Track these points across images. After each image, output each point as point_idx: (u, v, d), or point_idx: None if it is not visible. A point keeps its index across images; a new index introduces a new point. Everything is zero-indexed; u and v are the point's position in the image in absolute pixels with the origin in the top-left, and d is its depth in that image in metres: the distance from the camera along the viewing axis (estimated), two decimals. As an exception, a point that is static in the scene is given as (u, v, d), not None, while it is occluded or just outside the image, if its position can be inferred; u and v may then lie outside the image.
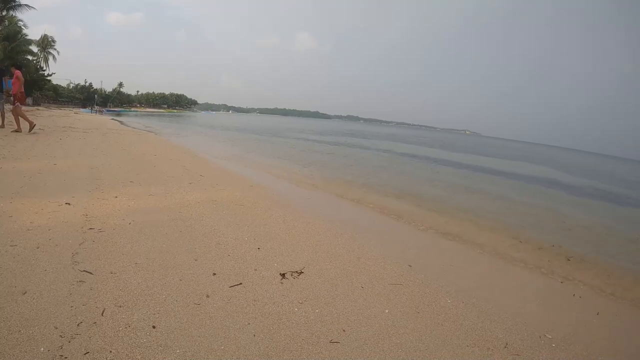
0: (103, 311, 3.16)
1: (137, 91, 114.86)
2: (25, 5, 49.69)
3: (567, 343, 3.55)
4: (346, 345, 3.15)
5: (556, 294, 5.18)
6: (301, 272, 4.05)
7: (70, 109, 59.13)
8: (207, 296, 3.45)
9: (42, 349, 2.66)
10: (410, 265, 4.85)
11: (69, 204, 5.75)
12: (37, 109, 43.64)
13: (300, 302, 3.51)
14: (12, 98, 14.49)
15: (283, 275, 3.92)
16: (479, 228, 8.74)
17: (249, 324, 3.21)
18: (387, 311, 3.56)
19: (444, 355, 3.24)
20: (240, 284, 3.70)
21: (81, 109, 60.60)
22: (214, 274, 3.85)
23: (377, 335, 3.27)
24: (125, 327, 3.02)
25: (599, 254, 8.08)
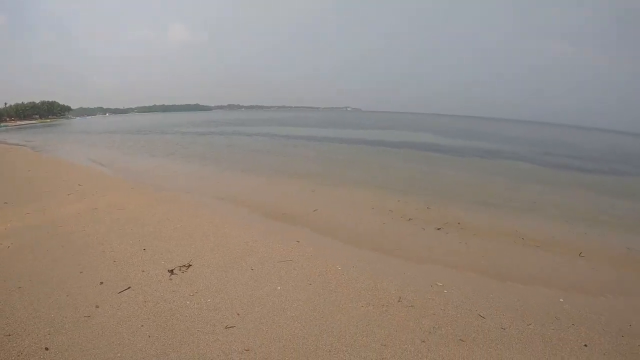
0: (-8, 343, 3.13)
1: (5, 103, 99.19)
2: None
3: (457, 287, 3.64)
4: (242, 327, 3.22)
5: (440, 243, 5.52)
6: (189, 265, 3.96)
7: None
8: (97, 307, 3.40)
9: None
10: (298, 241, 4.82)
11: None
12: None
13: (192, 294, 3.48)
14: None
15: (171, 271, 3.83)
16: (363, 193, 9.25)
17: (143, 326, 3.22)
18: (279, 288, 3.57)
19: (340, 319, 3.34)
20: (129, 287, 3.62)
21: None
22: (101, 282, 3.75)
23: (271, 313, 3.32)
24: (18, 355, 3.01)
25: (463, 202, 8.96)
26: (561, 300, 3.98)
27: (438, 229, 6.48)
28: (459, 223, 6.96)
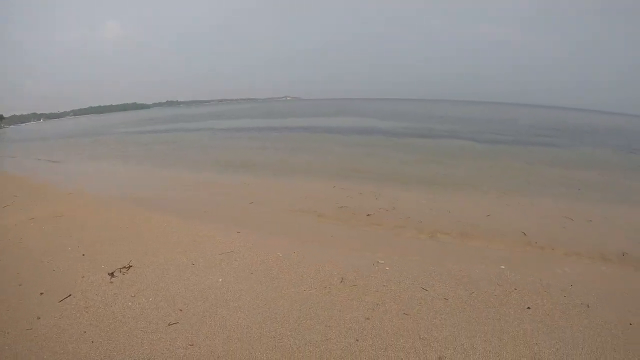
0: None
1: None
2: None
3: (398, 264, 3.69)
4: (185, 322, 3.22)
5: (375, 230, 5.70)
6: (130, 267, 3.94)
7: None
8: (38, 318, 3.36)
9: None
10: (238, 232, 4.82)
11: None
12: None
13: (133, 295, 3.47)
14: None
15: (112, 274, 3.81)
16: (298, 182, 9.66)
17: (85, 332, 3.19)
18: (221, 280, 3.58)
19: (283, 304, 3.36)
20: (70, 295, 3.59)
21: None
22: (42, 293, 3.70)
23: (214, 305, 3.33)
24: (-42, 375, 2.98)
25: (399, 184, 9.46)
26: (502, 267, 4.05)
27: (368, 215, 6.74)
28: (394, 208, 7.17)
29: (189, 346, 3.03)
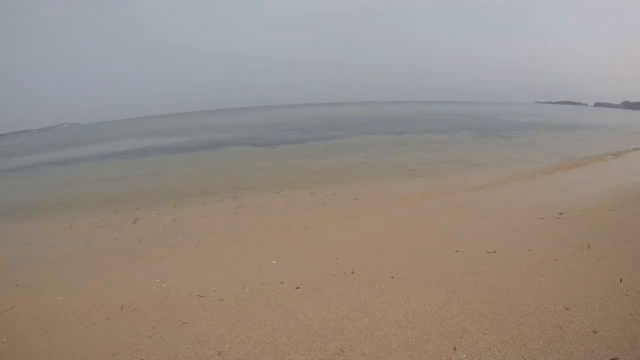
0: None
1: None
2: None
3: (175, 278, 4.12)
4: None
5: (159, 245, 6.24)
6: None
7: None
8: None
9: None
10: (17, 285, 4.91)
11: None
12: None
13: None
14: None
15: None
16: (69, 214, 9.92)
17: None
18: (5, 339, 3.83)
19: (70, 345, 3.74)
20: None
21: None
22: None
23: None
24: None
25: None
26: (274, 262, 4.70)
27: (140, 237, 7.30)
28: (173, 219, 8.10)
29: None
